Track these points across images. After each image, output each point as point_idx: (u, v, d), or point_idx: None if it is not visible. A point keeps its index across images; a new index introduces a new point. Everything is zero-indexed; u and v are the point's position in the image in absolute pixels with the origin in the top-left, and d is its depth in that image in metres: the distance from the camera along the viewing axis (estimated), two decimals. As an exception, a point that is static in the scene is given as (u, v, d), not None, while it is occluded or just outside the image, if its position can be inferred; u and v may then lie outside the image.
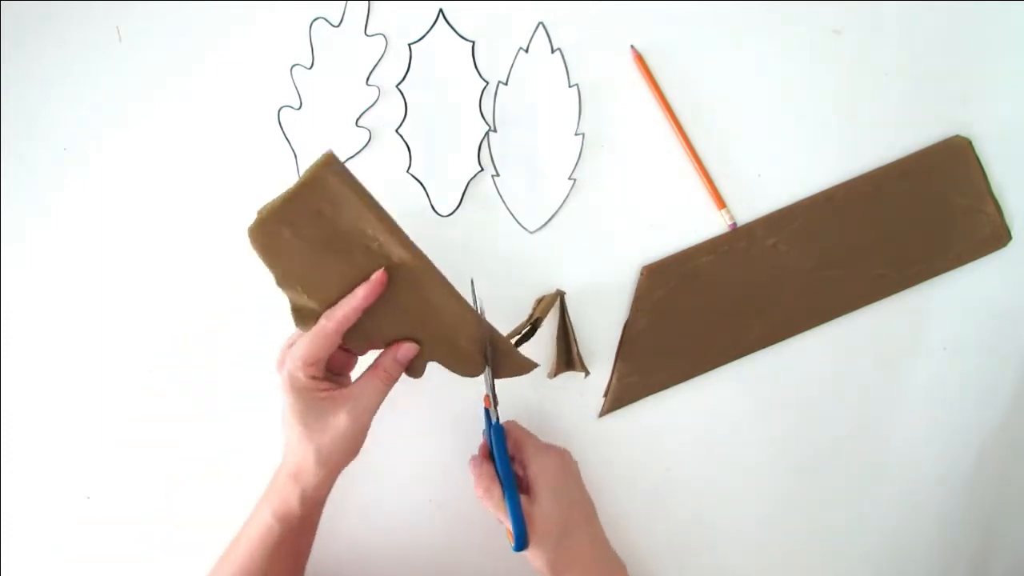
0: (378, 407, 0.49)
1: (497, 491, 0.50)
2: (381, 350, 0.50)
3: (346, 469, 0.59)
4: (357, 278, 0.46)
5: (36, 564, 0.60)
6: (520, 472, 0.53)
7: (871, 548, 0.63)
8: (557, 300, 0.59)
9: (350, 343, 0.48)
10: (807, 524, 0.63)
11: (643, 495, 0.61)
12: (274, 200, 0.45)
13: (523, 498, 0.50)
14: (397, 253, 0.46)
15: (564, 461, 0.54)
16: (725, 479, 0.62)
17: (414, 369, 0.51)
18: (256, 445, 0.60)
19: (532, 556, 0.50)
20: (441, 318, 0.49)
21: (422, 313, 0.49)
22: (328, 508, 0.55)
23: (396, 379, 0.49)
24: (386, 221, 0.46)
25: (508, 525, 0.49)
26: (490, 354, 0.50)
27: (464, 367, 0.51)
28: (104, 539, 0.60)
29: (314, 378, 0.47)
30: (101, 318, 0.59)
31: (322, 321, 0.46)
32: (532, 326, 0.55)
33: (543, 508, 0.50)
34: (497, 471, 0.51)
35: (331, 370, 0.50)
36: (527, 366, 0.52)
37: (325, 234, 0.45)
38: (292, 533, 0.50)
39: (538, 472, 0.51)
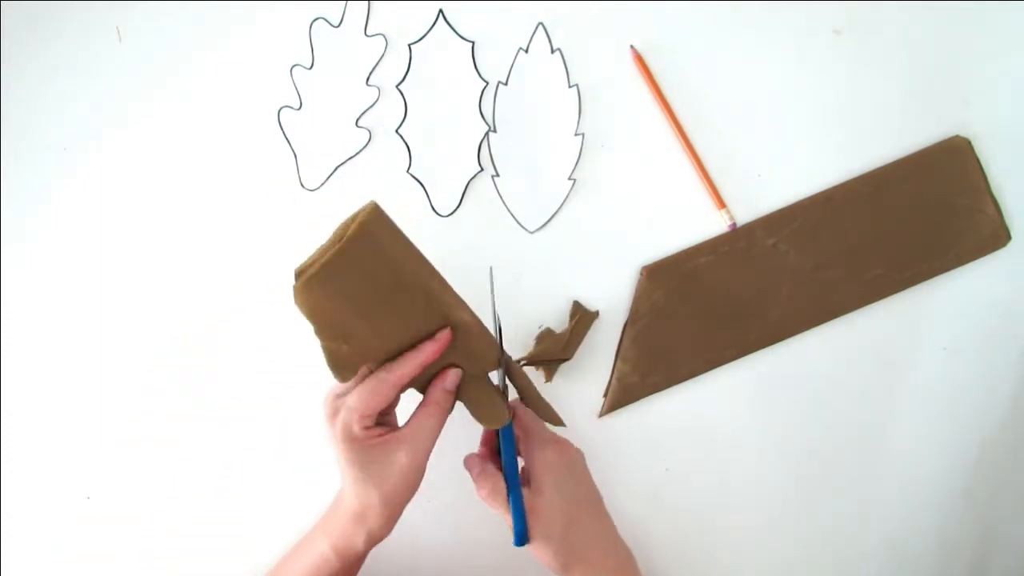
0: (435, 443, 0.48)
1: (502, 491, 0.49)
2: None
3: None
4: (404, 328, 0.46)
5: (36, 564, 0.60)
6: (521, 462, 0.52)
7: (871, 548, 0.63)
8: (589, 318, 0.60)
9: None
10: (807, 524, 0.63)
11: (643, 495, 0.61)
12: (322, 255, 0.43)
13: (525, 491, 0.50)
14: (445, 302, 0.46)
15: (567, 453, 0.53)
16: (725, 479, 0.62)
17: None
18: (256, 445, 0.60)
19: (537, 550, 0.49)
20: (473, 352, 0.49)
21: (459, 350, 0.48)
22: (326, 504, 0.55)
23: (449, 409, 0.49)
24: (435, 273, 0.46)
25: (506, 520, 0.49)
26: (504, 361, 0.50)
27: (490, 406, 0.50)
28: (104, 539, 0.60)
29: (367, 428, 0.47)
30: (101, 318, 0.59)
31: (381, 374, 0.46)
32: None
33: (546, 500, 0.49)
34: (503, 468, 0.50)
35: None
36: (554, 420, 0.52)
37: (374, 287, 0.44)
38: (347, 569, 0.51)
39: (540, 464, 0.51)
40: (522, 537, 0.48)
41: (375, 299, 0.44)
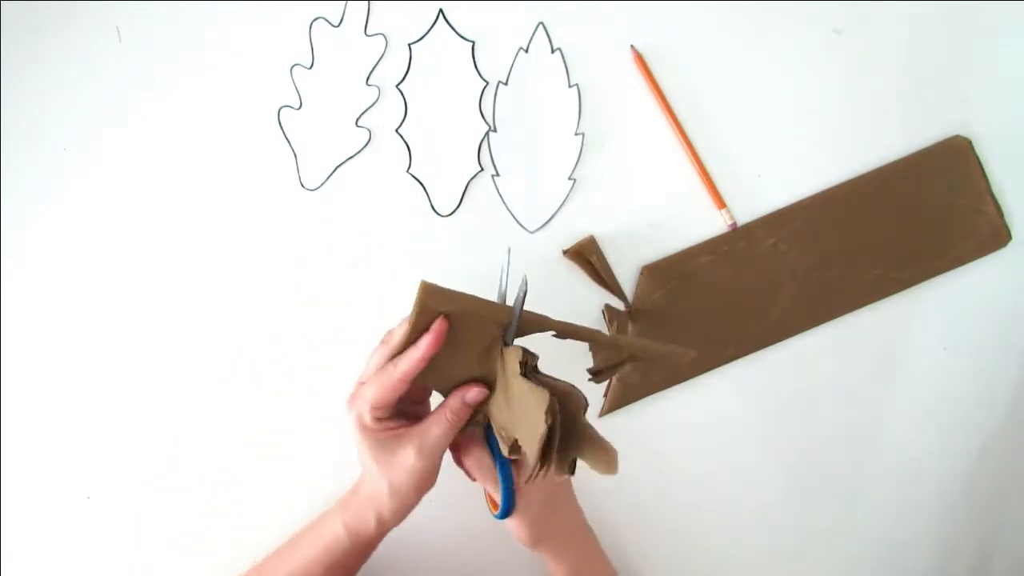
0: (446, 444, 0.48)
1: (487, 459, 0.49)
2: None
3: (343, 466, 0.59)
4: (464, 367, 0.48)
5: (36, 564, 0.60)
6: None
7: (871, 548, 0.63)
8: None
9: (428, 383, 0.48)
10: (806, 523, 0.63)
11: (643, 495, 0.61)
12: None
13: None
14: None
15: None
16: (724, 479, 0.62)
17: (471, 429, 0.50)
18: (257, 445, 0.60)
19: (514, 524, 0.51)
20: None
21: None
22: (325, 503, 0.55)
23: (463, 420, 0.48)
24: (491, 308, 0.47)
25: (494, 494, 0.49)
26: (512, 334, 0.48)
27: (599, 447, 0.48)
28: (104, 539, 0.60)
29: (379, 419, 0.47)
30: (101, 318, 0.59)
31: (389, 367, 0.46)
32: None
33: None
34: (488, 441, 0.50)
35: (411, 399, 0.50)
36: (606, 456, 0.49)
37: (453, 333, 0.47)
38: (357, 551, 0.51)
39: None
40: (509, 511, 0.49)
41: (456, 342, 0.46)
